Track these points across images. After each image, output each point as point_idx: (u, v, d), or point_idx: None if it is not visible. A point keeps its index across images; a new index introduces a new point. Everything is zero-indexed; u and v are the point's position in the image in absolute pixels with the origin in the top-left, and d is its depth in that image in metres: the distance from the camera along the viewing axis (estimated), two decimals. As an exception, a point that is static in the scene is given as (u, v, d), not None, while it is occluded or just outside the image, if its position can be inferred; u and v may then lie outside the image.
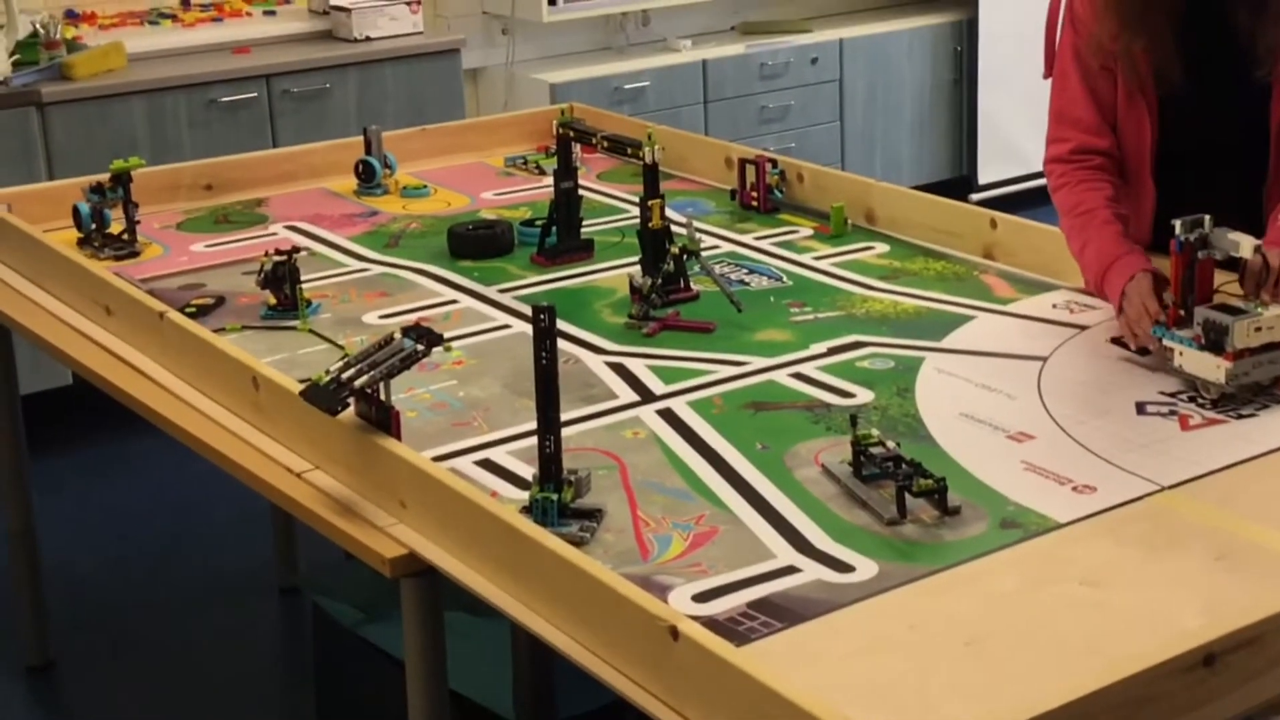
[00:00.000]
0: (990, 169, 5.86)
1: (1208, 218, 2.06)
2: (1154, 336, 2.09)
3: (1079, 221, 2.30)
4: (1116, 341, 2.21)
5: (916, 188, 3.01)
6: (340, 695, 2.61)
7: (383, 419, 1.85)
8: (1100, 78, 2.32)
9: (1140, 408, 2.01)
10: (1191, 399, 2.02)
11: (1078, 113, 2.35)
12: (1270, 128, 2.23)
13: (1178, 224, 2.06)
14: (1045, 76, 2.45)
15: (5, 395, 3.00)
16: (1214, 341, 1.99)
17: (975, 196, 5.63)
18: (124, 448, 4.07)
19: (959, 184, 5.77)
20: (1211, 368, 1.99)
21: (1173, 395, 2.03)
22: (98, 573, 3.51)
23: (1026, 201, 5.59)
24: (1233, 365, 1.97)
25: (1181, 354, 2.04)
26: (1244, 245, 2.03)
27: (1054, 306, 2.38)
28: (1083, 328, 2.28)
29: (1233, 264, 2.09)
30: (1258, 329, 1.98)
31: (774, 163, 2.96)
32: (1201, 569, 1.62)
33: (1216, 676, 1.41)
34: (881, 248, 2.71)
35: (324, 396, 1.85)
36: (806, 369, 2.18)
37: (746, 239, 2.78)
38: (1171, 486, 1.79)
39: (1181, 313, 2.08)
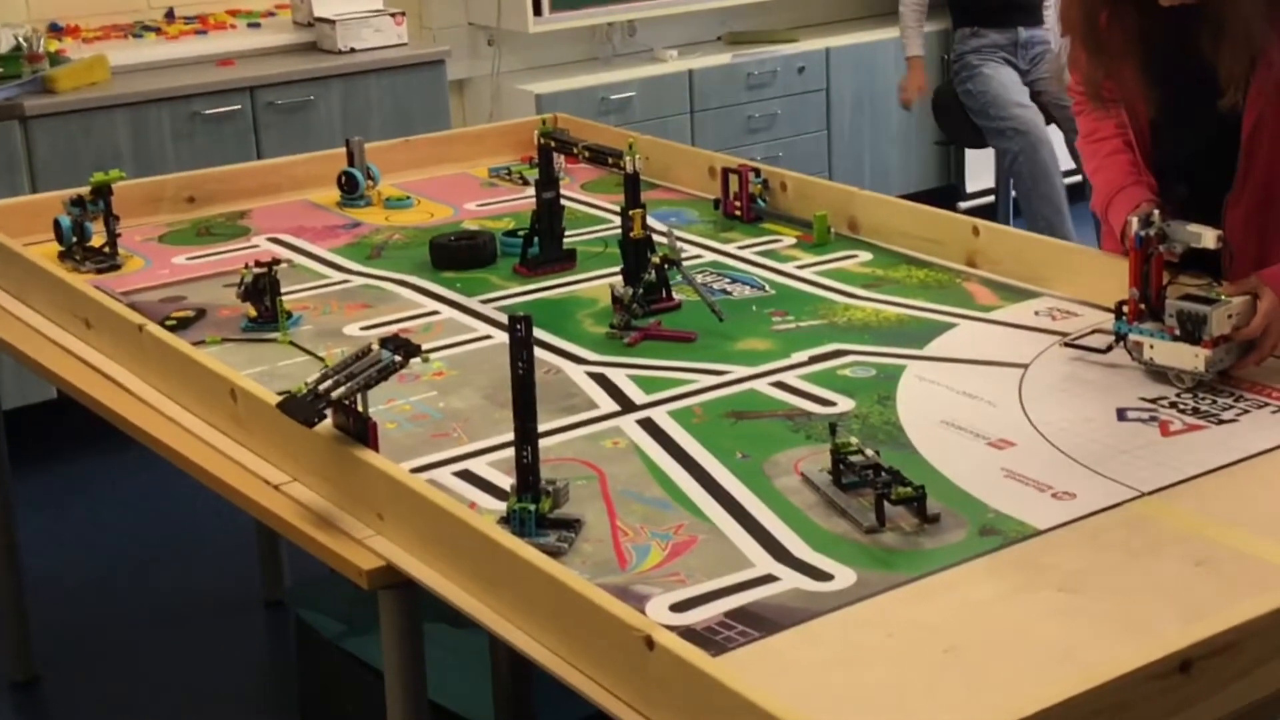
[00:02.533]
0: (980, 177, 5.86)
1: (1156, 212, 2.12)
2: (1118, 331, 2.13)
3: (1092, 147, 2.39)
4: (1071, 344, 2.23)
5: (905, 196, 3.00)
6: (323, 708, 2.60)
7: (360, 430, 1.85)
8: (1097, 55, 2.28)
9: (1121, 414, 2.00)
10: (1173, 405, 2.02)
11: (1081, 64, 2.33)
12: (1240, 140, 2.23)
13: (1133, 220, 2.11)
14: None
15: (-12, 409, 2.99)
16: (1190, 332, 2.02)
17: (963, 205, 5.64)
18: (108, 462, 4.06)
19: (948, 192, 5.78)
20: (1189, 357, 2.03)
21: (1154, 401, 2.03)
22: (82, 587, 3.50)
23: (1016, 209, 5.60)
24: (1211, 353, 2.01)
25: (1153, 346, 2.07)
26: (1206, 236, 2.07)
27: (1036, 314, 2.38)
28: (1065, 334, 2.27)
29: (1194, 256, 2.12)
30: (1229, 315, 2.03)
31: (757, 171, 2.96)
32: (1180, 575, 1.62)
33: (1193, 683, 1.40)
34: (864, 256, 2.71)
35: (301, 408, 1.84)
36: (787, 378, 2.18)
37: (730, 248, 2.78)
38: (1151, 492, 1.79)
39: (1142, 306, 2.10)
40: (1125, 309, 2.12)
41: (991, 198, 5.71)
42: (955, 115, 5.27)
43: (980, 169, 5.85)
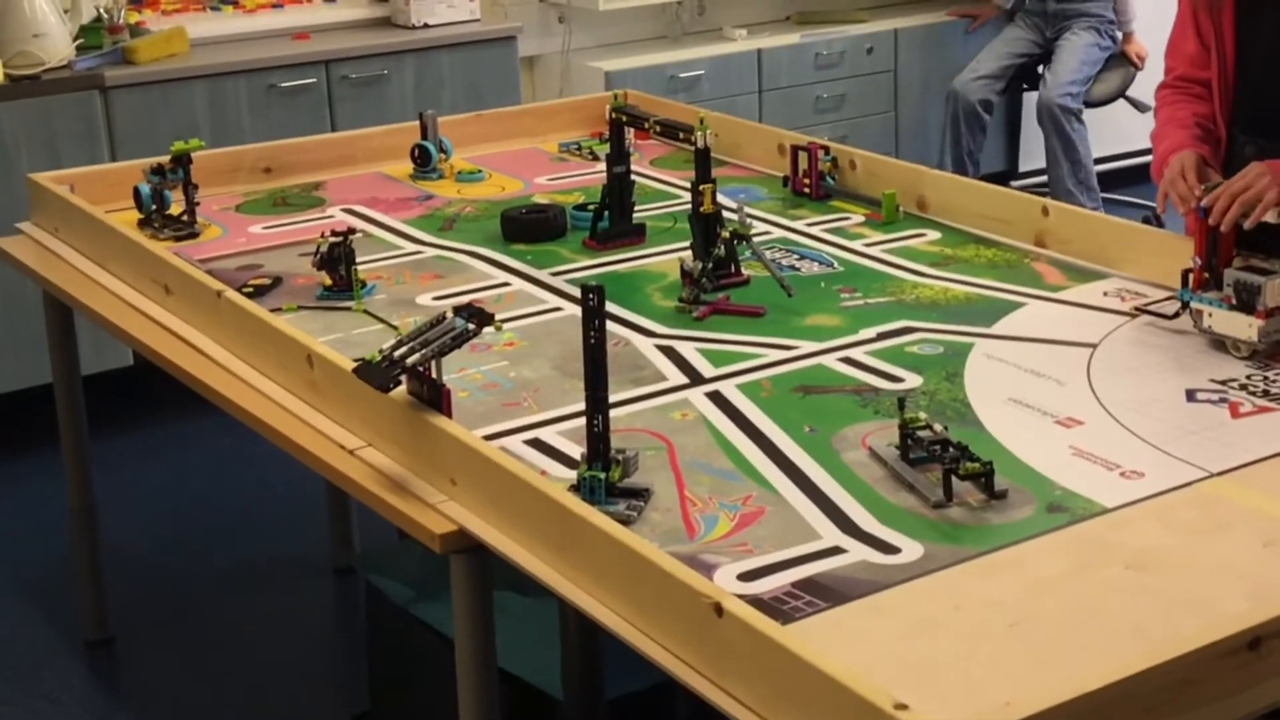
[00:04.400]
0: (1032, 156, 5.83)
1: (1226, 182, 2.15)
2: (1182, 299, 2.17)
3: (1164, 130, 2.44)
4: (1142, 310, 2.26)
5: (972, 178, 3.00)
6: (392, 673, 2.64)
7: (434, 397, 1.88)
8: (1204, 13, 2.43)
9: (1190, 395, 2.00)
10: (1243, 387, 2.01)
11: (1184, 46, 2.48)
12: None
13: (1199, 190, 2.15)
14: None
15: (67, 374, 3.05)
16: (1245, 302, 2.06)
17: (1015, 184, 5.61)
18: (182, 429, 4.13)
19: (1009, 174, 5.75)
20: (1243, 326, 2.07)
21: (1223, 383, 2.03)
22: (156, 551, 3.57)
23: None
24: (1265, 323, 2.05)
25: (1211, 315, 2.11)
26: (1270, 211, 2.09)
27: (1105, 294, 2.38)
28: (1134, 315, 2.27)
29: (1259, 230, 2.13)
30: None
31: (826, 149, 2.96)
32: (1249, 555, 1.62)
33: (1262, 660, 1.41)
34: (933, 235, 2.71)
35: (376, 374, 1.87)
36: (855, 354, 2.19)
37: (798, 225, 2.79)
38: (1220, 473, 1.79)
39: (1207, 275, 2.14)
40: (1191, 276, 2.15)
41: (1043, 178, 5.67)
42: None
43: (1033, 148, 5.80)
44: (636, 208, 2.76)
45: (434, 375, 1.88)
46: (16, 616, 3.30)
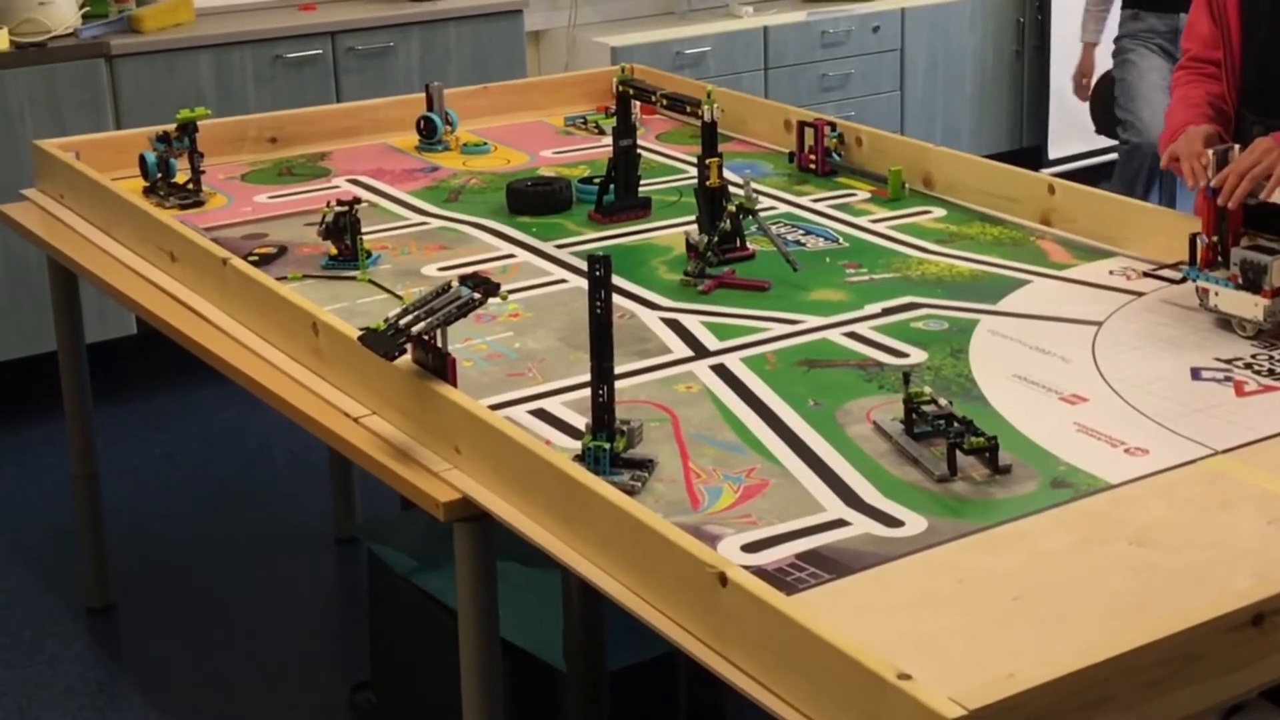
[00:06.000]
0: (1064, 142, 5.80)
1: (1236, 147, 2.16)
2: (1189, 277, 2.18)
3: (1176, 108, 2.46)
4: (1151, 275, 2.29)
5: (977, 158, 3.00)
6: (394, 643, 2.64)
7: (439, 366, 1.88)
8: None
9: (1195, 373, 2.00)
10: (1248, 365, 2.01)
11: (1198, 27, 2.50)
12: None
13: (1206, 156, 2.15)
14: None
15: (71, 342, 3.05)
16: (1252, 281, 2.06)
17: (1047, 171, 5.58)
18: (185, 398, 4.13)
19: (1025, 155, 5.73)
20: (1249, 305, 2.07)
21: (1228, 362, 2.03)
22: (157, 519, 3.57)
23: (1096, 175, 5.55)
24: (1271, 302, 2.05)
25: (1217, 294, 2.11)
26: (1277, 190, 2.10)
27: (1110, 273, 2.37)
28: (1139, 294, 2.27)
29: (1264, 207, 2.14)
30: None
31: (832, 126, 2.96)
32: (1253, 532, 1.62)
33: (1265, 636, 1.41)
34: (938, 212, 2.70)
35: (382, 342, 1.87)
36: (860, 328, 2.19)
37: (804, 201, 2.78)
38: (1225, 451, 1.79)
39: (1216, 245, 2.13)
40: (1199, 255, 2.15)
41: (1076, 164, 5.63)
42: (1110, 105, 4.75)
43: (1065, 133, 5.78)
44: (642, 182, 2.76)
45: (439, 344, 1.88)
46: (18, 584, 3.31)
